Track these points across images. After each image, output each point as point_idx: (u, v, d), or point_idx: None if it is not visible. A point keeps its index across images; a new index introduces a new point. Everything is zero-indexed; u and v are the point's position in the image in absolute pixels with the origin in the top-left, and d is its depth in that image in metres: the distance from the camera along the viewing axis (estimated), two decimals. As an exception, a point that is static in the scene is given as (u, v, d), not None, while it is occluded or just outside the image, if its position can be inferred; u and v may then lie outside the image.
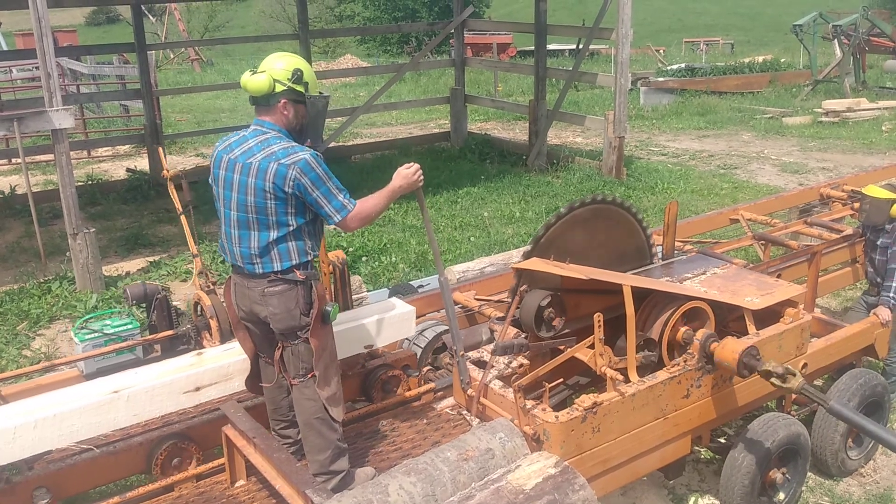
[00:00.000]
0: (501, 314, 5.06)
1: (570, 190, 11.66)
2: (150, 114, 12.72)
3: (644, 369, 4.40)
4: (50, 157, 11.01)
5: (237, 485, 4.12)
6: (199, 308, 5.36)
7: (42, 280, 8.42)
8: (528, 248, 4.69)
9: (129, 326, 5.46)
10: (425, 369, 5.16)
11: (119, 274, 8.75)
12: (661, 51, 31.06)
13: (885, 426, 5.21)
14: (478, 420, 4.34)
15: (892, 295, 5.49)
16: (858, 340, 5.38)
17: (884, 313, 5.44)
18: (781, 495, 4.73)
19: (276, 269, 3.67)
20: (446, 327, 5.26)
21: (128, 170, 13.31)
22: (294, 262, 3.69)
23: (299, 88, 3.71)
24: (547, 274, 4.48)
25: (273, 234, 3.64)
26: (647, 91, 20.35)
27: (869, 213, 5.81)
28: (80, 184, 11.60)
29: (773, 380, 4.17)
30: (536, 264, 4.57)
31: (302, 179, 3.56)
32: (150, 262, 9.12)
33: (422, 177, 3.97)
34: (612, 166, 12.26)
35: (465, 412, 4.52)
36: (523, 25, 17.14)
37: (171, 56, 32.68)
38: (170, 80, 24.92)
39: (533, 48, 14.75)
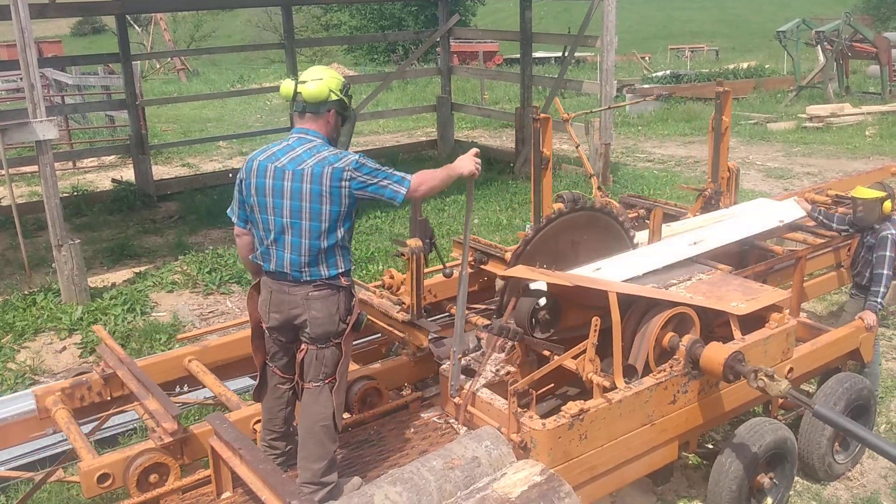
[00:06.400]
0: (488, 322, 5.06)
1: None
2: (136, 124, 12.66)
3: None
4: (35, 168, 10.94)
5: (223, 497, 4.09)
6: None
7: (27, 292, 8.36)
8: (518, 249, 4.73)
9: None
10: None
11: (105, 285, 8.69)
12: (647, 58, 31.20)
13: (871, 430, 5.24)
14: (465, 428, 4.33)
15: (878, 300, 5.52)
16: (844, 344, 5.40)
17: (869, 317, 5.46)
18: (769, 500, 4.74)
19: (322, 276, 3.75)
20: None
21: (113, 180, 13.25)
22: (339, 270, 3.78)
23: (346, 100, 3.89)
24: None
25: (325, 242, 3.73)
26: (632, 98, 20.43)
27: (863, 215, 5.83)
28: (65, 195, 11.54)
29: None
30: (522, 271, 4.58)
31: (358, 176, 3.70)
32: (136, 273, 9.07)
33: (480, 167, 4.12)
34: (598, 173, 12.27)
35: (452, 420, 4.51)
36: (509, 33, 17.19)
37: (157, 66, 32.57)
38: (155, 91, 24.81)
39: (519, 56, 14.79)
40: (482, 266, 5.80)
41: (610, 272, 4.80)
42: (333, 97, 3.82)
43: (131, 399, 4.78)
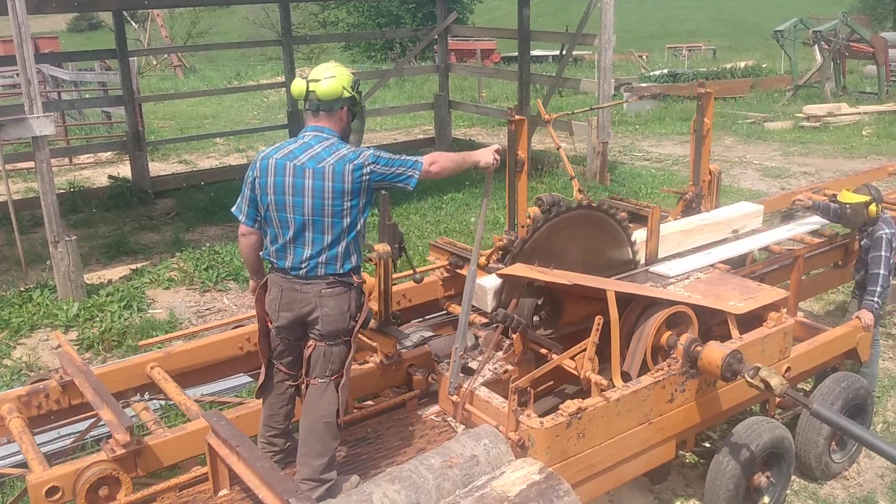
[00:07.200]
0: (486, 320, 5.06)
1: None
2: (132, 120, 12.64)
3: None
4: (31, 164, 10.92)
5: (220, 494, 4.07)
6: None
7: (23, 289, 8.34)
8: (515, 250, 4.72)
9: None
10: None
11: (101, 282, 8.67)
12: (644, 56, 31.20)
13: (868, 429, 5.24)
14: (463, 426, 4.32)
15: (875, 299, 5.52)
16: (841, 344, 5.41)
17: (866, 317, 5.47)
18: (766, 499, 4.74)
19: (337, 272, 3.77)
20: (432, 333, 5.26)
21: (110, 177, 13.22)
22: (352, 266, 3.81)
23: (357, 96, 3.91)
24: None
25: (345, 237, 3.77)
26: (629, 97, 20.44)
27: (850, 218, 5.86)
28: (61, 191, 11.50)
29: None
30: (520, 270, 4.57)
31: (378, 168, 3.77)
32: (133, 270, 9.04)
33: (499, 161, 4.24)
34: (596, 171, 12.30)
35: (450, 419, 4.50)
36: (507, 31, 17.17)
37: (154, 62, 32.51)
38: (152, 87, 24.76)
39: (516, 54, 14.78)
40: (458, 270, 5.71)
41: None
42: (346, 94, 3.83)
43: (90, 408, 4.52)
